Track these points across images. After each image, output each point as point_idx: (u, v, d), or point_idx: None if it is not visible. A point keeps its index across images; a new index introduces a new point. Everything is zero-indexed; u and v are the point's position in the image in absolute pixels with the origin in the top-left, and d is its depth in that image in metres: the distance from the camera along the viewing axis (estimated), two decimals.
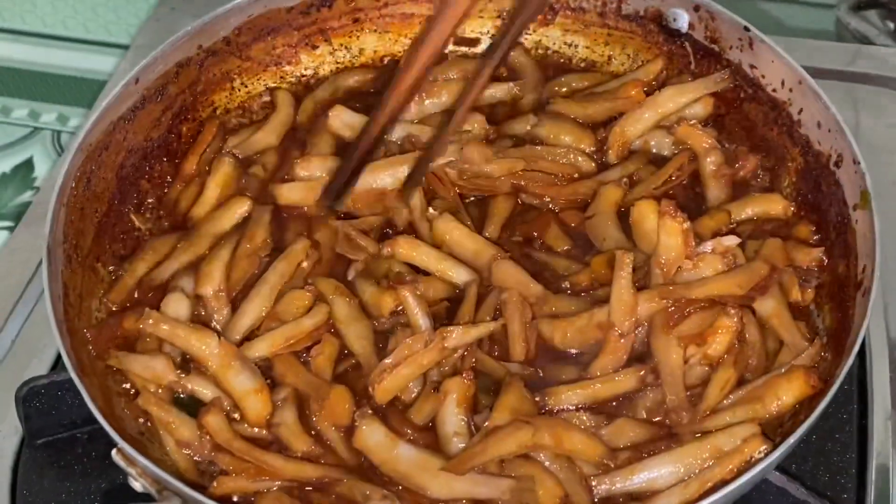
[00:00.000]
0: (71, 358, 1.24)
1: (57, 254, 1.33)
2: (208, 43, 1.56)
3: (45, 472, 1.39)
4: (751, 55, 1.49)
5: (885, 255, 1.28)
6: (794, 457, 1.36)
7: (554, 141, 1.52)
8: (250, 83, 1.63)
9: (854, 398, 1.43)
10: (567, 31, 1.66)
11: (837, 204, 1.38)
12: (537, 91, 1.60)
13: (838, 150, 1.39)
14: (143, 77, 1.48)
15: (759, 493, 1.26)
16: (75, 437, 1.41)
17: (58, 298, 1.29)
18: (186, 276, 1.40)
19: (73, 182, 1.38)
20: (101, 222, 1.44)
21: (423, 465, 1.24)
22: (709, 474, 1.21)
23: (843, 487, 1.36)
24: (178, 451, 1.27)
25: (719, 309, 1.30)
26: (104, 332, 1.35)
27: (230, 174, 1.50)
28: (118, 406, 1.31)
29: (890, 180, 1.63)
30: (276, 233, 1.44)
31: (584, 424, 1.27)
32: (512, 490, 1.21)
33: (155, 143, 1.53)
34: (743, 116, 1.53)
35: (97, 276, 1.42)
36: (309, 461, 1.26)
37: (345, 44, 1.67)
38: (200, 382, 1.29)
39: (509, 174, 1.48)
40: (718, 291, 1.30)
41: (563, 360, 1.33)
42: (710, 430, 1.25)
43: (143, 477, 1.17)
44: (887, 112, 1.74)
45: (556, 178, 1.49)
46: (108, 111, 1.44)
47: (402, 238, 1.39)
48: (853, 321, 1.28)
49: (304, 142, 1.54)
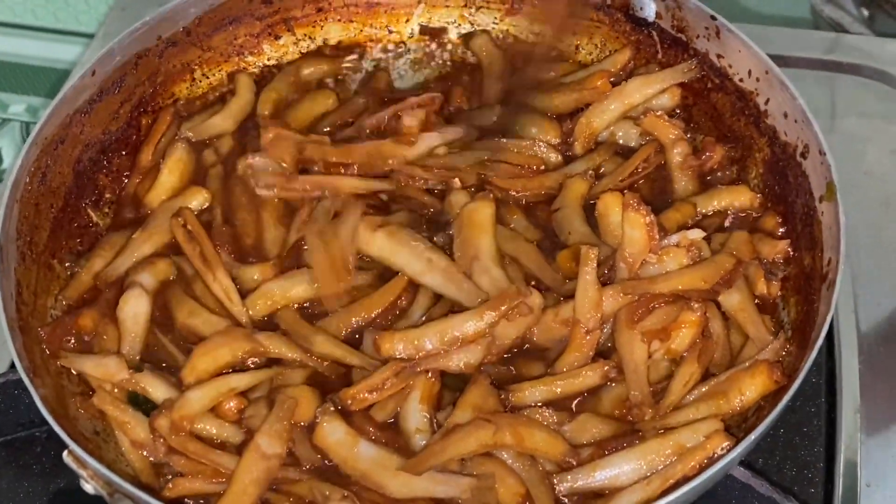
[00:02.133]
0: (22, 358, 1.22)
1: (10, 250, 1.30)
2: (168, 33, 1.53)
3: (3, 472, 1.38)
4: (718, 44, 1.47)
5: (857, 245, 1.26)
6: (760, 451, 1.35)
7: (519, 132, 1.51)
8: (211, 74, 1.61)
9: (822, 392, 1.42)
10: (535, 20, 1.64)
11: (804, 195, 1.37)
12: (503, 81, 1.58)
13: (805, 141, 1.37)
14: (100, 69, 1.45)
15: (725, 490, 1.25)
16: (34, 437, 1.39)
17: (10, 297, 1.27)
18: (144, 271, 1.38)
19: (27, 177, 1.36)
20: (56, 218, 1.41)
21: (382, 464, 1.22)
22: (671, 471, 1.20)
23: (811, 482, 1.36)
24: (134, 451, 1.26)
25: (683, 303, 1.28)
26: (59, 330, 1.33)
27: (184, 159, 1.48)
28: (73, 406, 1.29)
29: (863, 170, 1.62)
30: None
31: (547, 421, 1.26)
32: (472, 489, 1.20)
33: (113, 137, 1.50)
34: (710, 107, 1.51)
35: (53, 273, 1.40)
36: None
37: (308, 34, 1.65)
38: (153, 382, 1.27)
39: (475, 165, 1.46)
40: (683, 286, 1.29)
41: (532, 357, 1.32)
42: (674, 426, 1.23)
43: (95, 479, 1.16)
44: (862, 101, 1.73)
45: (522, 170, 1.47)
46: (64, 104, 1.41)
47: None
48: (818, 314, 1.26)
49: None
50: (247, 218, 1.44)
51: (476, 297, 1.31)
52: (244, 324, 1.35)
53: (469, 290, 1.32)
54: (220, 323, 1.34)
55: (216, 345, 1.30)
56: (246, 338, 1.31)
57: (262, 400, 1.28)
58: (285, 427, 1.23)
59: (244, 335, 1.31)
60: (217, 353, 1.29)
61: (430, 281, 1.35)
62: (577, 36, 1.60)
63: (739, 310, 1.31)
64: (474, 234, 1.36)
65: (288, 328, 1.34)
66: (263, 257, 1.41)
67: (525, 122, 1.51)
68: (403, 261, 1.36)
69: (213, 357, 1.29)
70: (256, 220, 1.44)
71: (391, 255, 1.36)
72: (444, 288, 1.34)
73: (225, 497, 1.20)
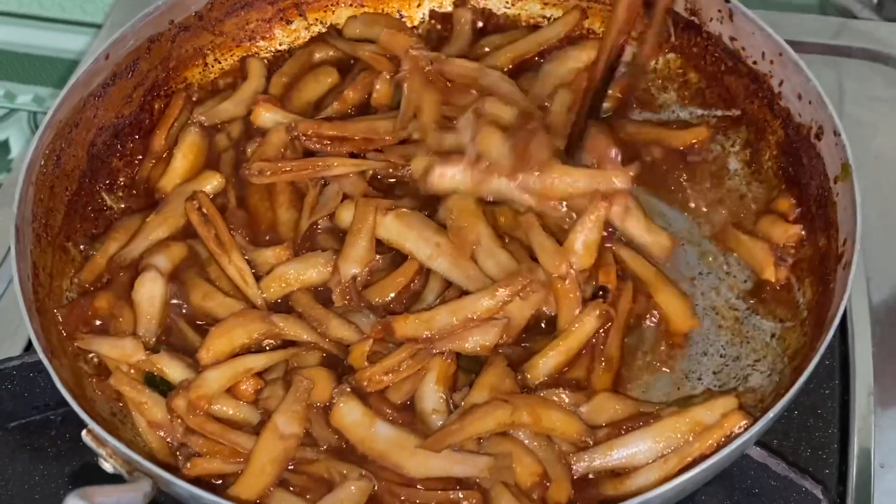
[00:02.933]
0: (40, 339, 1.22)
1: (25, 233, 1.31)
2: (180, 18, 1.53)
3: (18, 456, 1.37)
4: (731, 27, 1.48)
5: (868, 229, 1.27)
6: (775, 432, 1.35)
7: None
8: (223, 59, 1.61)
9: (836, 373, 1.42)
10: (546, 4, 1.64)
11: (818, 177, 1.37)
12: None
13: (819, 123, 1.37)
14: (113, 53, 1.45)
15: (740, 469, 1.25)
16: (48, 420, 1.39)
17: (27, 278, 1.27)
18: (159, 254, 1.38)
19: (42, 160, 1.36)
20: (71, 201, 1.42)
21: (400, 444, 1.22)
22: (688, 449, 1.21)
23: (825, 463, 1.36)
24: (151, 432, 1.26)
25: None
26: (75, 312, 1.33)
27: (197, 143, 1.48)
28: (90, 387, 1.29)
29: (873, 154, 1.62)
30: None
31: (564, 403, 1.26)
32: (490, 468, 1.20)
33: (126, 121, 1.50)
34: (724, 89, 1.51)
35: (68, 256, 1.40)
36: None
37: (320, 18, 1.65)
38: (169, 363, 1.27)
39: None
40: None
41: (547, 333, 1.33)
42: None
43: (114, 458, 1.16)
44: (871, 85, 1.73)
45: None
46: (78, 87, 1.41)
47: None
48: (834, 295, 1.27)
49: None
50: (260, 202, 1.45)
51: (482, 283, 1.31)
52: (259, 306, 1.35)
53: (475, 277, 1.33)
54: (236, 305, 1.34)
55: (232, 326, 1.30)
56: (261, 319, 1.31)
57: (279, 381, 1.28)
58: (302, 408, 1.23)
59: (260, 317, 1.31)
60: (233, 334, 1.29)
61: (437, 266, 1.35)
62: (589, 19, 1.61)
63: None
64: (469, 221, 1.36)
65: (303, 311, 1.34)
66: (277, 240, 1.41)
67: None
68: (412, 245, 1.36)
69: (228, 338, 1.29)
70: (270, 204, 1.44)
71: (400, 239, 1.37)
72: (451, 273, 1.34)
73: (243, 476, 1.20)
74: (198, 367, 1.27)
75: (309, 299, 1.36)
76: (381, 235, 1.37)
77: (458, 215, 1.36)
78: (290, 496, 1.21)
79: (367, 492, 1.19)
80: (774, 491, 1.24)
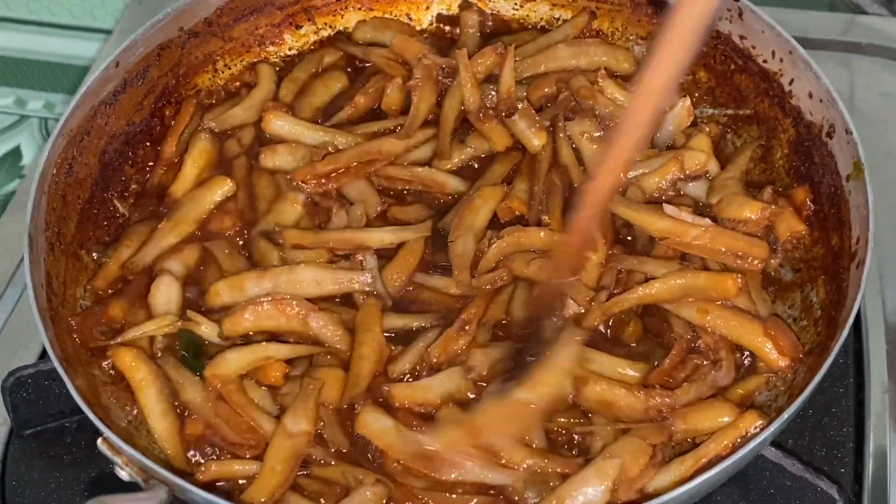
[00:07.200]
0: (55, 347, 1.23)
1: (39, 241, 1.31)
2: (189, 24, 1.53)
3: (34, 463, 1.38)
4: (741, 26, 1.47)
5: (880, 227, 1.26)
6: (790, 432, 1.35)
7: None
8: (233, 64, 1.61)
9: (850, 372, 1.42)
10: (555, 5, 1.64)
11: (830, 175, 1.36)
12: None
13: (830, 121, 1.37)
14: (123, 60, 1.45)
15: (756, 470, 1.24)
16: (64, 427, 1.39)
17: (40, 286, 1.28)
18: (172, 258, 1.38)
19: (54, 169, 1.36)
20: (84, 209, 1.42)
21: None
22: (704, 450, 1.20)
23: (840, 462, 1.35)
24: (167, 438, 1.26)
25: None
26: (89, 319, 1.33)
27: (207, 149, 1.49)
28: (104, 395, 1.30)
29: (884, 150, 1.61)
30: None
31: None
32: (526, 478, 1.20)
33: (137, 128, 1.51)
34: (734, 88, 1.51)
35: (81, 264, 1.40)
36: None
37: (329, 23, 1.65)
38: (207, 323, 1.31)
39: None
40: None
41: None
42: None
43: (129, 466, 1.16)
44: (881, 82, 1.72)
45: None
46: (89, 96, 1.42)
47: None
48: (847, 294, 1.26)
49: None
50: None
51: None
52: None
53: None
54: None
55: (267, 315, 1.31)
56: (295, 318, 1.31)
57: (299, 379, 1.29)
58: (311, 406, 1.24)
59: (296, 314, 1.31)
60: (265, 319, 1.31)
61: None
62: (598, 20, 1.61)
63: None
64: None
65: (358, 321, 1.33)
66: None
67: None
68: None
69: (257, 320, 1.31)
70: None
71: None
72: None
73: (257, 481, 1.21)
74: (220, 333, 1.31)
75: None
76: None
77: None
78: (303, 500, 1.21)
79: (383, 497, 1.19)
80: (790, 491, 1.23)
